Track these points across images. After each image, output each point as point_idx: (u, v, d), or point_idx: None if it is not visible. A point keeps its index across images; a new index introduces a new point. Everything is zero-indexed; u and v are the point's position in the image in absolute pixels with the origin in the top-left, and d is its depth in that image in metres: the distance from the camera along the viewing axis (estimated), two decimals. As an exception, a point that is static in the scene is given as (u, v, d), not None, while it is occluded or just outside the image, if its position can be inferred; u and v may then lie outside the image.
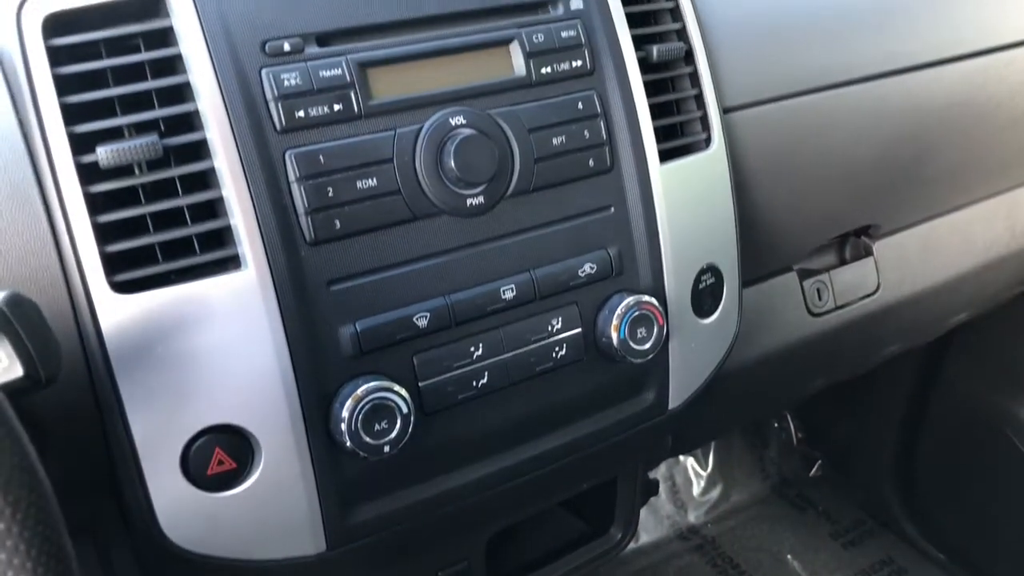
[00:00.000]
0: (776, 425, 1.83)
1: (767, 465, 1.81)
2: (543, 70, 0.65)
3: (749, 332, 0.93)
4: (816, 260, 1.00)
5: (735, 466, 1.79)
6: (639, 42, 0.71)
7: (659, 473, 1.72)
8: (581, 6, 0.67)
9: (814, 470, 1.81)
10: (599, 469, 0.84)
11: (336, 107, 0.58)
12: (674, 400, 0.76)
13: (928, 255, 1.05)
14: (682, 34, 0.74)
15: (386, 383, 0.59)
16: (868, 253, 1.01)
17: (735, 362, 0.93)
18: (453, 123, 0.61)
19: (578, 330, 0.68)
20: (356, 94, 0.59)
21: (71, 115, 0.54)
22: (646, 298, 0.69)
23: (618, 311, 0.68)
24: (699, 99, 0.74)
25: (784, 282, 0.96)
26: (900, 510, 1.64)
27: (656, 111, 0.71)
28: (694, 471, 1.75)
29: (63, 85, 0.54)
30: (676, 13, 0.74)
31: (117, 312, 0.54)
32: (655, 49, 0.71)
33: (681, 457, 1.74)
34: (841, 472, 1.78)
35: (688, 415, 0.80)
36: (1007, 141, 1.02)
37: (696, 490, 1.75)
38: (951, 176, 1.00)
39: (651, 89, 0.71)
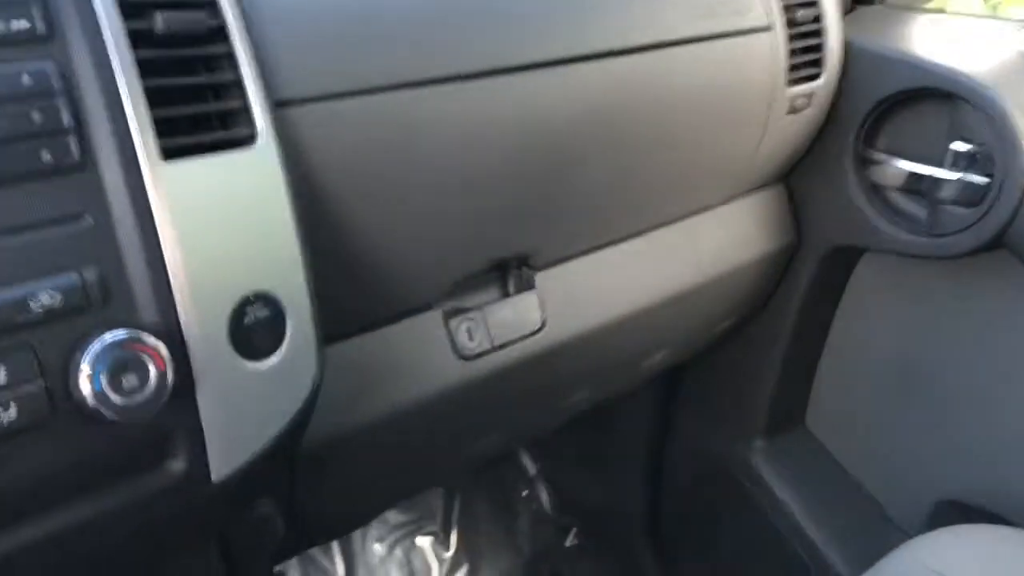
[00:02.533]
0: (526, 494, 1.69)
1: (518, 539, 1.67)
2: (-42, 29, 0.48)
3: (380, 381, 0.78)
4: (471, 296, 0.86)
5: (482, 543, 1.63)
6: (142, 9, 0.55)
7: (393, 560, 1.54)
8: (29, -50, 0.51)
9: (569, 539, 1.68)
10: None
11: None
12: (221, 468, 0.58)
13: (601, 288, 0.94)
14: (214, 6, 0.59)
15: None
16: (530, 285, 0.89)
17: (362, 418, 0.77)
18: None
19: (33, 384, 0.49)
20: None
21: None
22: (139, 334, 0.51)
23: (91, 354, 0.50)
24: (238, 85, 0.59)
25: (424, 321, 0.81)
26: (653, 570, 1.53)
27: (167, 96, 0.55)
28: (434, 553, 1.58)
29: None
30: (203, -24, 0.59)
31: None
32: (160, 17, 0.55)
33: (418, 540, 1.57)
34: (596, 538, 1.65)
35: (301, 495, 0.63)
36: (672, 160, 0.92)
37: (438, 575, 1.57)
38: (610, 199, 0.89)
39: (155, 68, 0.55)
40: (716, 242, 1.05)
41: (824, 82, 1.02)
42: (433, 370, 0.81)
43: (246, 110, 0.59)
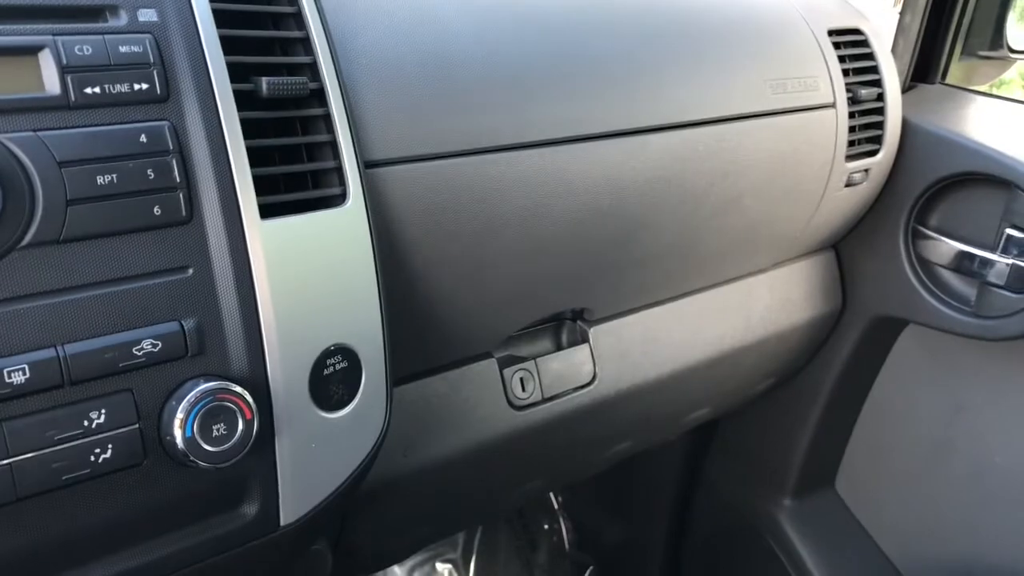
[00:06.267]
0: (546, 527, 1.71)
1: (535, 571, 1.68)
2: (88, 90, 0.51)
3: (436, 427, 0.81)
4: (526, 346, 0.89)
5: (500, 573, 1.64)
6: (249, 71, 0.58)
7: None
8: (155, 19, 0.54)
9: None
10: None
11: None
12: (289, 514, 0.61)
13: (651, 344, 0.96)
14: (314, 70, 0.62)
15: None
16: (584, 339, 0.91)
17: (416, 462, 0.79)
18: None
19: (131, 426, 0.52)
20: None
21: None
22: (228, 385, 0.54)
23: (187, 401, 0.53)
24: (333, 147, 0.62)
25: (480, 370, 0.83)
26: (667, 619, 1.54)
27: (268, 156, 0.58)
28: (454, 580, 1.60)
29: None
30: (307, 44, 0.62)
31: None
32: (265, 82, 0.58)
33: (438, 566, 1.59)
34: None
35: (355, 530, 0.65)
36: (730, 226, 0.94)
37: (456, 602, 1.59)
38: (668, 260, 0.91)
39: (259, 129, 0.58)
40: (765, 304, 1.06)
41: (881, 158, 1.04)
42: (486, 417, 0.84)
43: (338, 170, 0.62)
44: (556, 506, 1.70)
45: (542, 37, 0.76)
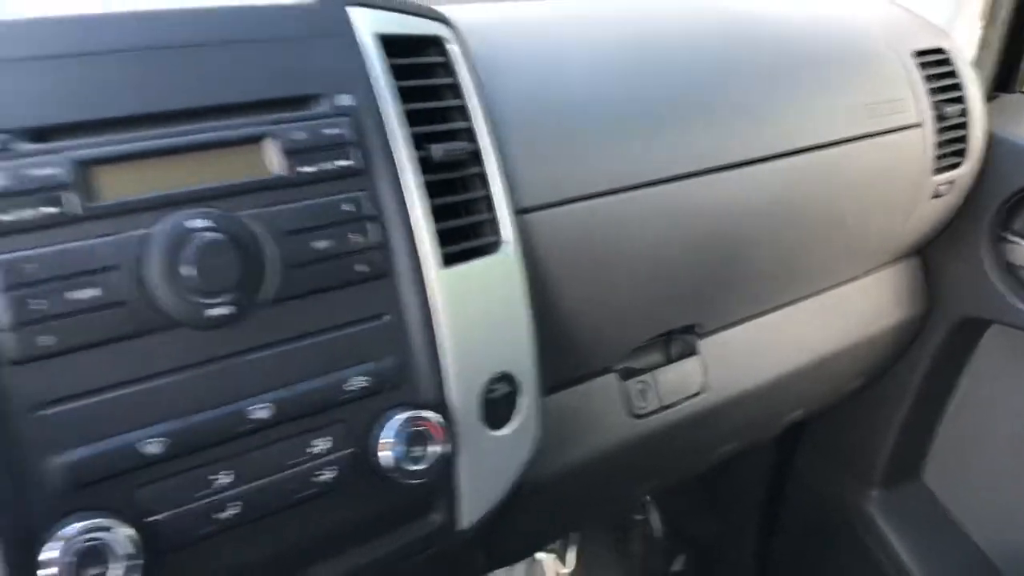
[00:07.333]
0: (639, 518, 1.79)
1: (628, 561, 1.77)
2: (303, 169, 0.60)
3: (566, 437, 0.89)
4: (638, 359, 0.97)
5: (596, 562, 1.73)
6: (421, 140, 0.67)
7: (514, 573, 1.65)
8: (351, 103, 0.63)
9: (676, 564, 1.77)
10: None
11: (50, 209, 0.52)
12: (466, 519, 0.70)
13: (756, 353, 1.03)
14: (470, 133, 0.71)
15: (105, 521, 0.52)
16: (694, 351, 0.99)
17: (549, 470, 0.88)
18: (191, 226, 0.55)
19: (346, 451, 0.62)
20: (76, 194, 0.53)
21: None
22: (424, 413, 0.63)
23: (391, 429, 0.62)
24: (488, 200, 0.71)
25: (603, 384, 0.92)
26: (757, 605, 1.61)
27: (441, 212, 0.67)
28: (554, 569, 1.69)
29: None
30: (464, 111, 0.71)
31: None
32: (438, 149, 0.67)
33: (540, 555, 1.68)
34: (703, 567, 1.74)
35: (496, 532, 0.74)
36: (830, 239, 1.01)
37: (555, 590, 1.68)
38: (774, 275, 0.99)
39: (434, 190, 0.67)
40: (858, 310, 1.13)
41: (967, 170, 1.10)
42: (610, 426, 0.92)
43: (493, 221, 0.71)
44: (648, 497, 1.78)
45: (663, 81, 0.84)
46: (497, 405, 0.70)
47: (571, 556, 1.72)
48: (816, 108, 0.93)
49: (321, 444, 0.61)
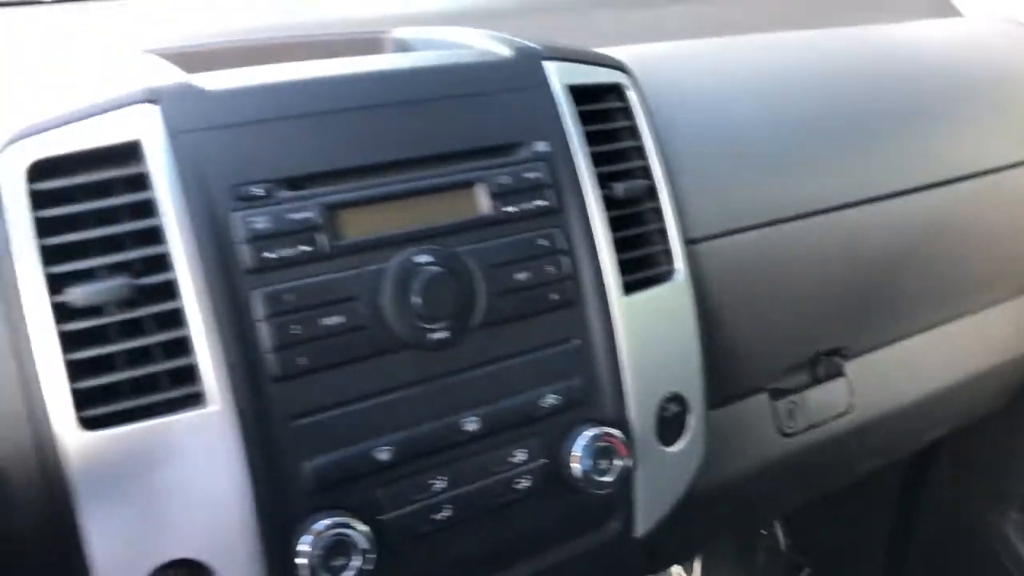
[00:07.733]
0: (764, 531, 1.81)
1: (753, 571, 1.79)
2: (507, 209, 0.68)
3: (720, 454, 0.94)
4: (788, 379, 1.01)
5: (720, 573, 1.76)
6: (604, 179, 0.74)
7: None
8: (547, 148, 0.70)
9: (801, 577, 1.78)
10: None
11: (304, 247, 0.61)
12: (640, 528, 0.76)
13: (902, 374, 1.06)
14: (646, 171, 0.77)
15: (346, 518, 0.60)
16: (840, 372, 1.02)
17: (706, 484, 0.93)
18: (418, 261, 0.63)
19: (540, 462, 0.69)
20: (325, 234, 0.61)
21: (48, 256, 0.56)
22: (609, 429, 0.70)
23: (580, 443, 0.69)
24: (662, 232, 0.77)
25: (755, 403, 0.97)
26: (885, 625, 1.61)
27: (621, 244, 0.73)
28: (680, 579, 1.73)
29: (42, 227, 0.56)
30: (640, 151, 0.77)
31: (84, 447, 0.55)
32: (620, 187, 0.74)
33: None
34: (829, 582, 1.75)
35: (658, 539, 0.80)
36: (983, 261, 1.04)
37: (682, 599, 1.73)
38: (925, 297, 1.02)
39: (616, 224, 0.73)
40: (1002, 333, 1.15)
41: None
42: (760, 444, 0.97)
43: (667, 251, 0.77)
44: (773, 511, 1.80)
45: (826, 112, 0.89)
46: (667, 424, 0.76)
47: (697, 567, 1.76)
48: (976, 135, 0.97)
49: (520, 455, 0.68)
